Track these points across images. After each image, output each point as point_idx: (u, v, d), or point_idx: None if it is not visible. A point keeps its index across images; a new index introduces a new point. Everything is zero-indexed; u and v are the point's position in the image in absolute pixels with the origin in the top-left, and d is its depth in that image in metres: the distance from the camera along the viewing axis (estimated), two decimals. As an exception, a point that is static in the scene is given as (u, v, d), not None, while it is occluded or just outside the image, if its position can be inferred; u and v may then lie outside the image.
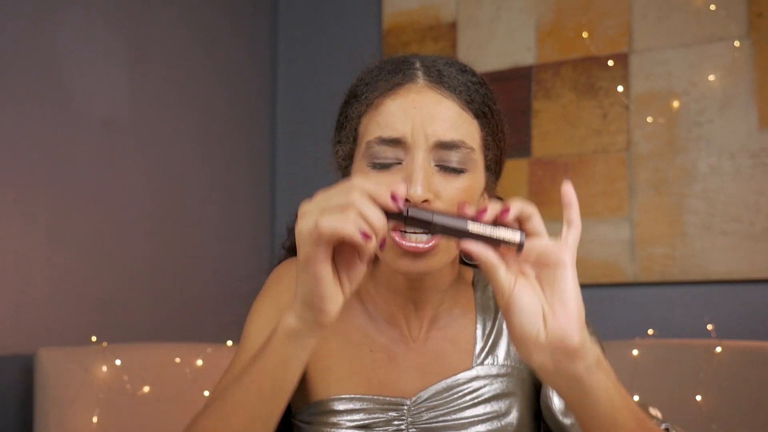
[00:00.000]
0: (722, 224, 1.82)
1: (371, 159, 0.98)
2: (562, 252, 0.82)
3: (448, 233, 0.81)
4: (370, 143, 0.99)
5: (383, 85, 1.01)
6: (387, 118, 0.98)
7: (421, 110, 0.98)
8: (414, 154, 0.97)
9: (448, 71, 1.02)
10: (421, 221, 0.81)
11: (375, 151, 0.98)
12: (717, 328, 1.68)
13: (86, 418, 1.50)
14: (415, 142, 0.97)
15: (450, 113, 0.99)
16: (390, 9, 2.22)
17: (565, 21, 2.02)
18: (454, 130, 0.98)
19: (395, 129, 0.97)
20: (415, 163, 0.96)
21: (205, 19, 2.12)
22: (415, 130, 0.97)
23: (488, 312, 1.10)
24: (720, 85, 1.85)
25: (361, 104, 1.02)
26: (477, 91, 1.02)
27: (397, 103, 0.99)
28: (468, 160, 0.99)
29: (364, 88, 1.03)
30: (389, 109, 0.99)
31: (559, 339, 0.79)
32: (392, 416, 1.02)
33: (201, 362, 1.68)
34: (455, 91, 1.00)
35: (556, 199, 1.99)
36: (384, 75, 1.02)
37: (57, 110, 1.69)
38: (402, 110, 0.98)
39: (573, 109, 1.98)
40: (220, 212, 2.12)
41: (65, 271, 1.68)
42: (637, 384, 1.61)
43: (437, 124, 0.97)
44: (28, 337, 1.59)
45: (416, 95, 0.99)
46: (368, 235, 0.78)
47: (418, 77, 1.01)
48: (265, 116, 2.32)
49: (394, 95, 1.00)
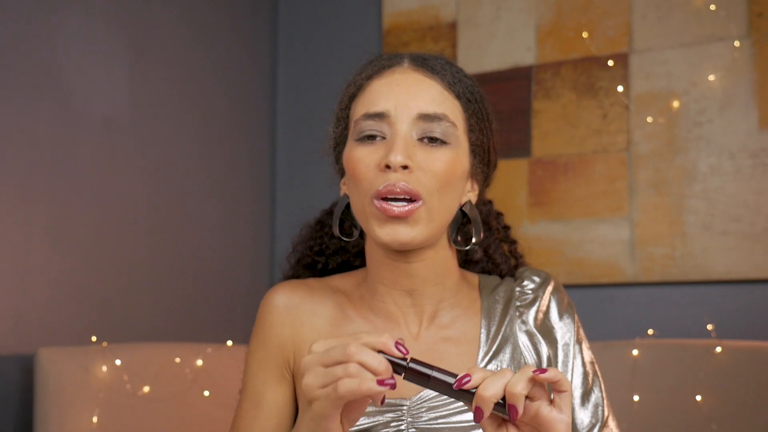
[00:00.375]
0: (722, 224, 1.82)
1: (358, 135, 1.03)
2: (557, 423, 0.83)
3: (444, 389, 0.83)
4: (357, 121, 1.03)
5: (370, 69, 1.07)
6: (372, 96, 1.04)
7: (404, 87, 1.03)
8: (396, 126, 1.01)
9: (433, 59, 1.07)
10: (419, 373, 0.83)
11: (360, 127, 1.03)
12: (717, 328, 1.68)
13: (86, 418, 1.50)
14: (398, 115, 1.01)
15: (432, 90, 1.04)
16: (390, 9, 2.22)
17: (565, 21, 2.02)
18: (436, 104, 1.02)
19: (379, 104, 1.02)
20: (397, 133, 1.00)
21: (205, 19, 2.12)
22: (398, 104, 1.01)
23: (494, 316, 1.09)
24: (720, 85, 1.85)
25: (351, 88, 1.08)
26: (461, 80, 1.07)
27: (382, 82, 1.04)
28: (450, 134, 1.02)
29: (356, 78, 1.09)
30: (375, 89, 1.04)
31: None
32: (391, 417, 1.02)
33: (201, 362, 1.68)
34: (438, 74, 1.05)
35: (555, 199, 1.99)
36: (373, 63, 1.08)
37: (57, 110, 1.69)
38: (386, 88, 1.03)
39: (573, 109, 1.98)
40: (220, 212, 2.12)
41: (65, 271, 1.68)
42: (637, 384, 1.61)
43: (420, 98, 1.02)
44: (28, 337, 1.59)
45: (400, 75, 1.05)
46: (382, 381, 0.81)
47: (404, 62, 1.07)
48: (265, 116, 2.32)
49: (379, 76, 1.05)
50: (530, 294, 1.12)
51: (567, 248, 1.95)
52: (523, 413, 0.83)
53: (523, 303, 1.11)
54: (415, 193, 0.98)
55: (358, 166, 1.02)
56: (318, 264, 1.20)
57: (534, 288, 1.12)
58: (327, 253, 1.21)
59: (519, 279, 1.15)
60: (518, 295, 1.12)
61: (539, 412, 0.83)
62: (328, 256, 1.21)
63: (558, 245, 1.96)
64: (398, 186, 0.98)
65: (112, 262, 1.79)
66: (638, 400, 1.59)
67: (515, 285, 1.14)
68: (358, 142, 1.03)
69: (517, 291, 1.12)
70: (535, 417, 0.83)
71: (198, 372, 1.67)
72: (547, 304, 1.11)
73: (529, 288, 1.13)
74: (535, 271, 1.15)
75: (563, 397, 0.83)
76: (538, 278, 1.13)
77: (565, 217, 1.96)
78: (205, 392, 1.66)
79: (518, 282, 1.14)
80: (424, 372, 0.83)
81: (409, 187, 0.98)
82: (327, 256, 1.21)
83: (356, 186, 1.03)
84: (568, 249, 1.95)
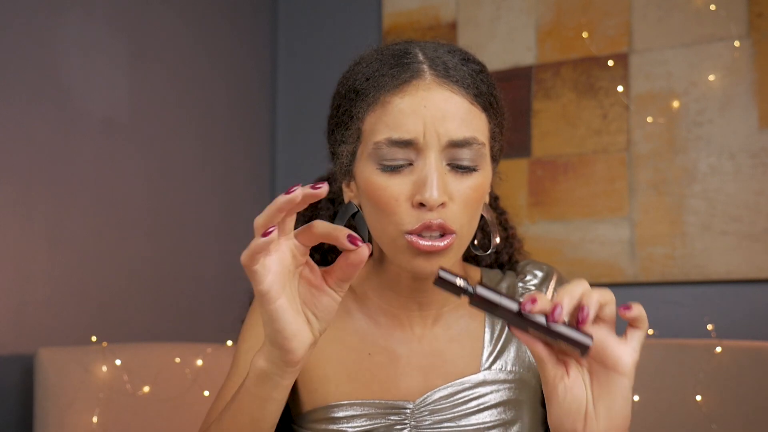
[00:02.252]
0: (722, 224, 1.82)
1: (380, 161, 0.95)
2: (626, 356, 0.76)
3: (512, 321, 0.76)
4: (378, 144, 0.95)
5: (389, 81, 0.97)
6: (397, 119, 0.95)
7: (431, 109, 0.94)
8: (427, 155, 0.94)
9: (453, 63, 0.98)
10: (487, 301, 0.76)
11: (384, 153, 0.95)
12: (717, 328, 1.68)
13: (86, 418, 1.50)
14: (427, 143, 0.94)
15: (460, 110, 0.96)
16: (390, 9, 2.22)
17: (565, 21, 2.02)
18: (465, 127, 0.95)
19: (407, 130, 0.94)
20: (429, 166, 0.93)
21: (205, 19, 2.12)
22: (427, 131, 0.94)
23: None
24: (720, 85, 1.85)
25: (366, 102, 0.98)
26: (482, 81, 1.00)
27: (405, 101, 0.95)
28: (479, 156, 0.96)
29: (366, 83, 0.99)
30: (398, 108, 0.95)
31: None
32: (394, 420, 1.00)
33: (201, 362, 1.68)
34: (463, 86, 0.97)
35: (555, 199, 1.99)
36: (387, 70, 0.98)
37: (57, 110, 1.69)
38: (412, 110, 0.94)
39: (573, 109, 1.98)
40: (220, 212, 2.12)
41: (65, 271, 1.68)
42: (637, 384, 1.60)
43: (448, 122, 0.94)
44: (28, 337, 1.59)
45: (425, 93, 0.95)
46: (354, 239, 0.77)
47: (425, 72, 0.97)
48: (265, 116, 2.32)
49: (402, 93, 0.96)
50: (533, 289, 1.10)
51: (567, 248, 1.95)
52: (593, 352, 0.76)
53: None
54: (450, 229, 0.94)
55: (383, 195, 0.95)
56: (314, 257, 1.17)
57: (537, 283, 1.10)
58: (324, 249, 1.19)
59: (521, 273, 1.12)
60: (521, 290, 1.10)
61: (606, 342, 0.76)
62: (327, 252, 1.19)
63: (558, 245, 1.96)
64: (435, 224, 0.93)
65: (112, 262, 1.79)
66: (638, 400, 1.59)
67: (517, 280, 1.11)
68: (380, 171, 0.95)
69: (520, 286, 1.10)
70: (601, 349, 0.76)
71: (198, 372, 1.67)
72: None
73: (532, 283, 1.11)
74: (537, 265, 1.13)
75: (636, 333, 0.77)
76: (541, 272, 1.12)
77: (565, 217, 1.96)
78: (205, 392, 1.66)
79: (520, 277, 1.12)
80: (491, 299, 0.76)
81: (446, 224, 0.93)
82: (324, 252, 1.19)
83: (381, 216, 0.96)
84: (568, 249, 1.95)
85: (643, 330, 0.76)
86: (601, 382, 0.77)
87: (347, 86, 1.02)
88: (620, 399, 0.77)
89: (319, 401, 1.03)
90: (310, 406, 1.04)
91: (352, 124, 1.00)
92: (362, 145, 0.99)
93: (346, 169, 1.03)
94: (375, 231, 0.99)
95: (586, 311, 0.74)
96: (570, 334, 0.74)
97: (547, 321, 0.74)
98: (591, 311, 0.74)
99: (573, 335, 0.74)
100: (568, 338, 0.74)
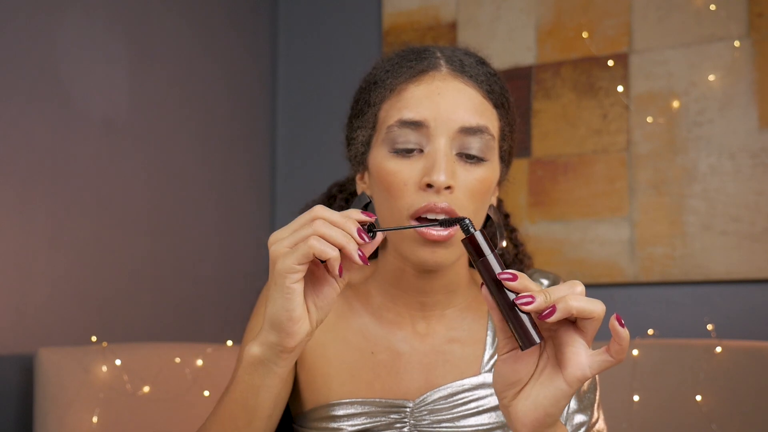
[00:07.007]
0: (722, 224, 1.82)
1: (393, 144, 0.98)
2: (577, 370, 0.76)
3: (486, 281, 0.76)
4: (391, 127, 0.98)
5: (406, 71, 1.00)
6: (410, 103, 0.98)
7: (445, 96, 0.98)
8: (437, 140, 0.96)
9: (469, 61, 1.02)
10: (476, 247, 0.77)
11: (396, 134, 0.98)
12: (717, 328, 1.68)
13: (86, 418, 1.50)
14: (438, 127, 0.96)
15: (473, 100, 0.99)
16: (390, 9, 2.22)
17: (565, 21, 2.02)
18: (478, 116, 0.98)
19: (418, 112, 0.97)
20: (438, 149, 0.96)
21: (205, 19, 2.12)
22: (439, 116, 0.96)
23: None
24: (720, 85, 1.85)
25: (384, 90, 1.01)
26: (495, 82, 1.03)
27: (421, 89, 0.99)
28: (488, 149, 0.98)
29: (385, 74, 1.02)
30: (413, 95, 0.98)
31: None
32: (394, 418, 1.01)
33: (201, 362, 1.68)
34: (477, 81, 1.00)
35: (555, 199, 1.99)
36: (406, 63, 1.02)
37: (57, 110, 1.69)
38: (426, 95, 0.98)
39: (573, 109, 1.98)
40: (220, 212, 2.12)
41: (65, 271, 1.68)
42: (637, 384, 1.61)
43: (461, 110, 0.97)
44: (28, 337, 1.59)
45: (440, 82, 0.99)
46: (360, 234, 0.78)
47: (441, 65, 1.01)
48: (265, 116, 2.32)
49: (417, 81, 0.99)
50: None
51: (567, 248, 1.95)
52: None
53: None
54: (454, 213, 0.95)
55: (393, 180, 0.97)
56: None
57: None
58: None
59: None
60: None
61: (569, 346, 0.77)
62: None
63: (558, 245, 1.96)
64: (439, 206, 0.95)
65: (112, 262, 1.79)
66: (638, 400, 1.59)
67: None
68: (392, 154, 0.98)
69: None
70: (560, 349, 0.77)
71: (198, 372, 1.67)
72: None
73: None
74: (544, 273, 1.14)
75: (604, 357, 0.76)
76: (547, 280, 1.12)
77: (565, 217, 1.96)
78: (205, 392, 1.66)
79: None
80: (481, 249, 0.76)
81: (450, 208, 0.95)
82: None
83: (389, 200, 0.99)
84: (568, 249, 1.95)
85: (614, 359, 0.76)
86: (546, 374, 0.78)
87: (367, 80, 1.06)
88: (552, 398, 0.77)
89: (321, 399, 1.04)
90: (311, 404, 1.05)
91: (369, 110, 1.03)
92: (377, 133, 1.01)
93: (360, 158, 1.05)
94: (384, 219, 1.01)
95: (551, 312, 0.74)
96: (521, 325, 0.75)
97: (513, 301, 0.75)
98: (556, 315, 0.74)
99: (523, 326, 0.75)
100: (517, 326, 0.75)
